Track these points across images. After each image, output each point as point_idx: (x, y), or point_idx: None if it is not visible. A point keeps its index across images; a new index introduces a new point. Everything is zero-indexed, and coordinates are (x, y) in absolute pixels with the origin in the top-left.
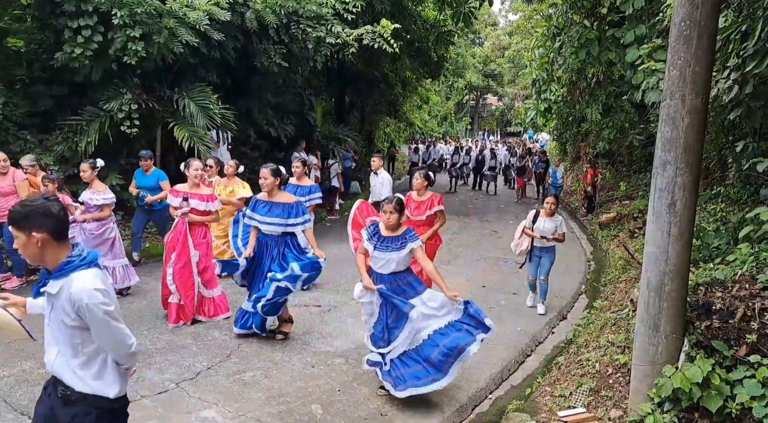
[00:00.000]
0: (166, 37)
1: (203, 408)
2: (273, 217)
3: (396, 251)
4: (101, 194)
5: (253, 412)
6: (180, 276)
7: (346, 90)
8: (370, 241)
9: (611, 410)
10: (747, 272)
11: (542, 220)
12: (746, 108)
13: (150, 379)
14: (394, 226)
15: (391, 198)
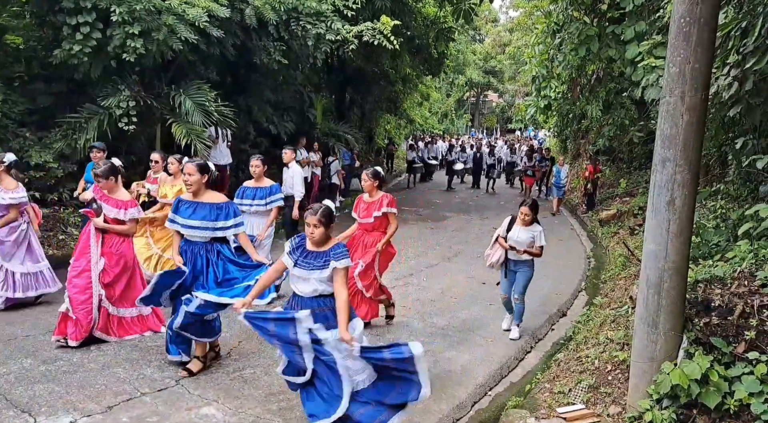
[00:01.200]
0: (165, 34)
1: (203, 405)
2: (197, 220)
3: (318, 270)
4: (10, 193)
5: (253, 409)
6: (74, 285)
7: (346, 87)
8: (290, 256)
9: (610, 407)
10: (746, 269)
11: (517, 228)
12: (746, 105)
13: (150, 376)
14: (319, 241)
15: (317, 208)
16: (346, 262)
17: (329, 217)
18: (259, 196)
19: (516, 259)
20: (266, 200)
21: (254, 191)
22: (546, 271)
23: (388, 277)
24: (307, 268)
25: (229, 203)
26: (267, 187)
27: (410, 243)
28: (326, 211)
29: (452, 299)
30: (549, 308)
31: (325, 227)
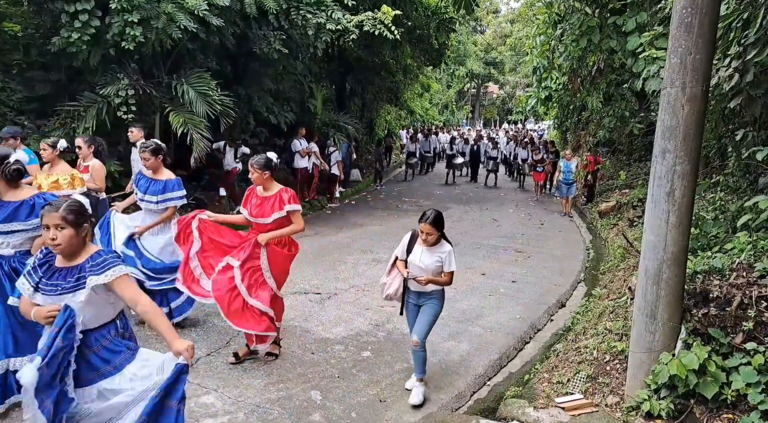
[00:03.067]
0: (164, 23)
1: (203, 394)
2: None
3: (69, 293)
4: None
5: (253, 398)
6: None
7: (346, 77)
8: (29, 278)
9: (608, 397)
10: (745, 260)
11: (419, 250)
12: (747, 96)
13: None
14: (66, 250)
15: (58, 203)
16: (116, 272)
17: (80, 214)
18: (151, 191)
19: (419, 291)
20: (157, 198)
21: (147, 183)
22: (545, 263)
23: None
24: (53, 293)
25: (39, 195)
26: (162, 181)
27: None
28: (72, 206)
29: (452, 290)
30: (548, 299)
31: (75, 228)
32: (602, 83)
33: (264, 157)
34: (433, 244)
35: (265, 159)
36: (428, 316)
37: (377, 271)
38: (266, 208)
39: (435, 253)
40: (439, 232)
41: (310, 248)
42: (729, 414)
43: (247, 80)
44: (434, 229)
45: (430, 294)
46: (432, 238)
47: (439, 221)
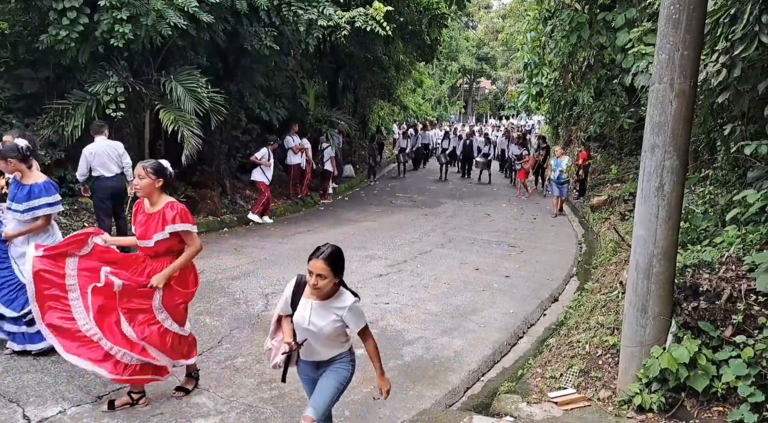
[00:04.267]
0: (153, 19)
1: (195, 394)
2: None
3: None
4: None
5: (245, 398)
6: None
7: (338, 73)
8: None
9: (600, 391)
10: (734, 254)
11: (308, 304)
12: (734, 91)
13: None
14: None
15: None
16: None
17: None
18: (18, 198)
19: (315, 360)
20: (23, 206)
21: (16, 188)
22: (538, 257)
23: (383, 264)
24: None
25: None
26: (27, 186)
27: (404, 229)
28: None
29: (445, 285)
30: (541, 294)
31: None
32: (592, 79)
33: (157, 161)
34: (327, 296)
35: (159, 164)
36: (331, 388)
37: (371, 267)
38: (150, 227)
39: (330, 309)
40: (336, 276)
41: (302, 245)
42: (719, 407)
43: (238, 77)
44: (329, 269)
45: (331, 361)
46: (325, 285)
47: (337, 259)
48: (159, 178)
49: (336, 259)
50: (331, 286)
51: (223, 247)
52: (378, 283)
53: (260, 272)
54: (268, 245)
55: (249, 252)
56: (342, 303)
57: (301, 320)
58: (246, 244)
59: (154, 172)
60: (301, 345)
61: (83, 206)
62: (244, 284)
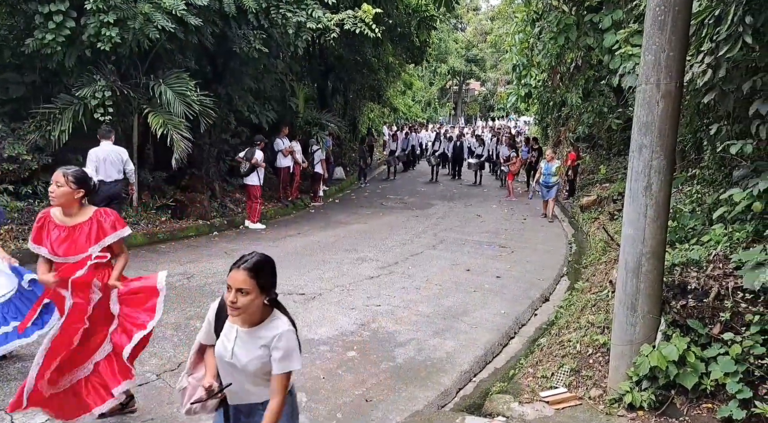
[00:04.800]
0: (141, 23)
1: None
2: None
3: None
4: None
5: None
6: None
7: (328, 75)
8: None
9: (591, 389)
10: (721, 252)
11: (231, 332)
12: (720, 92)
13: None
14: None
15: None
16: None
17: None
18: None
19: (245, 404)
20: None
21: None
22: (529, 257)
23: (374, 266)
24: None
25: None
26: None
27: (395, 231)
28: None
29: (437, 287)
30: (532, 293)
31: None
32: (580, 80)
33: (81, 170)
34: (256, 321)
35: (82, 172)
36: None
37: (362, 270)
38: (78, 240)
39: (258, 338)
40: (264, 292)
41: (293, 248)
42: (708, 403)
43: (227, 79)
44: (253, 283)
45: (262, 406)
46: (247, 305)
47: (265, 271)
48: (80, 188)
49: (263, 269)
50: (257, 307)
51: (213, 250)
52: (369, 285)
53: None
54: (259, 248)
55: (239, 255)
56: (272, 331)
57: (223, 352)
58: (236, 248)
59: (75, 180)
60: (222, 390)
61: None
62: None
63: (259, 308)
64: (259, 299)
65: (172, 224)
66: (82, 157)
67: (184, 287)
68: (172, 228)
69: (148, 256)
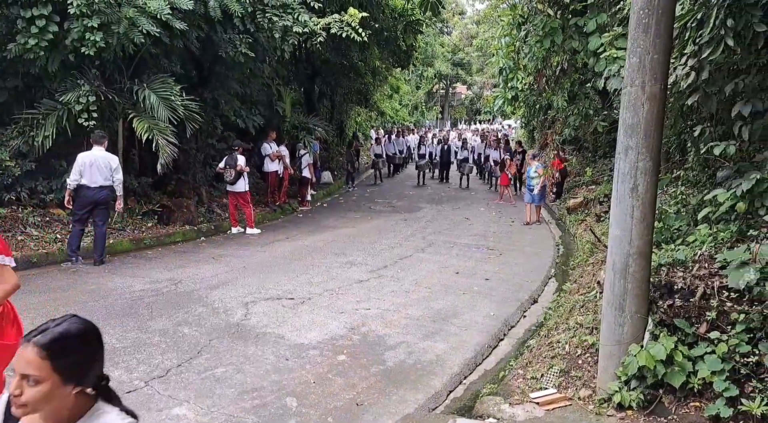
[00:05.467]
0: (125, 27)
1: (174, 406)
2: None
3: None
4: None
5: (226, 408)
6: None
7: (315, 79)
8: None
9: (581, 390)
10: (706, 252)
11: None
12: (703, 94)
13: (117, 378)
14: None
15: None
16: None
17: None
18: None
19: None
20: None
21: None
22: (517, 260)
23: (363, 270)
24: None
25: None
26: None
27: (384, 235)
28: None
29: (426, 290)
30: (521, 295)
31: None
32: (566, 83)
33: None
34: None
35: None
36: None
37: (351, 273)
38: None
39: None
40: (68, 380)
41: (281, 253)
42: (696, 402)
43: (213, 84)
44: (47, 365)
45: None
46: (37, 398)
47: (70, 346)
48: None
49: (68, 346)
50: (62, 402)
51: (200, 256)
52: (359, 289)
53: (239, 281)
54: (247, 253)
55: (227, 261)
56: None
57: None
58: (224, 253)
59: None
60: None
61: (55, 218)
62: (222, 293)
63: (68, 403)
64: (61, 391)
65: (158, 230)
66: (66, 162)
67: (172, 293)
68: (159, 233)
69: (135, 262)
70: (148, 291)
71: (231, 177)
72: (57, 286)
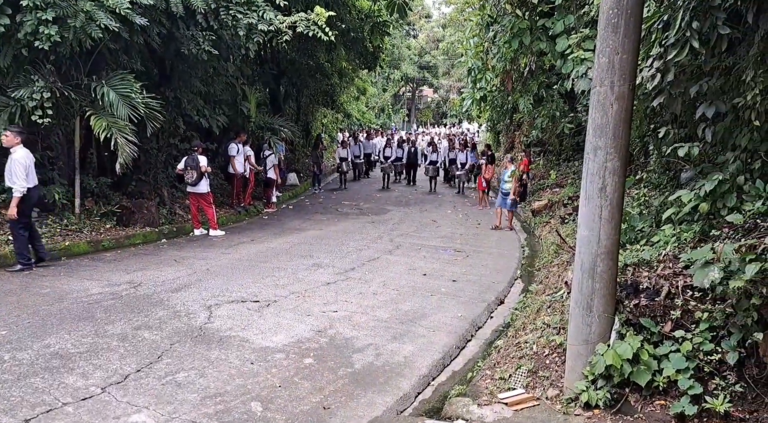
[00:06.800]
0: (82, 21)
1: (133, 412)
2: None
3: None
4: None
5: (188, 414)
6: None
7: (281, 80)
8: None
9: (549, 390)
10: (670, 252)
11: None
12: (668, 95)
13: (72, 384)
14: None
15: None
16: None
17: None
18: None
19: None
20: None
21: None
22: (484, 261)
23: (330, 272)
24: None
25: None
26: None
27: (351, 237)
28: None
29: (394, 291)
30: (488, 296)
31: None
32: (533, 85)
33: None
34: None
35: None
36: None
37: (318, 276)
38: None
39: None
40: None
41: (246, 255)
42: (662, 400)
43: (175, 82)
44: None
45: None
46: None
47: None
48: None
49: None
50: None
51: (162, 258)
52: (326, 292)
53: (202, 284)
54: (211, 256)
55: (190, 263)
56: None
57: None
58: (186, 256)
59: None
60: None
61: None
62: (185, 296)
63: None
64: None
65: (117, 232)
66: None
67: (131, 296)
68: (118, 235)
69: (92, 265)
70: (106, 294)
71: (193, 178)
72: (8, 290)
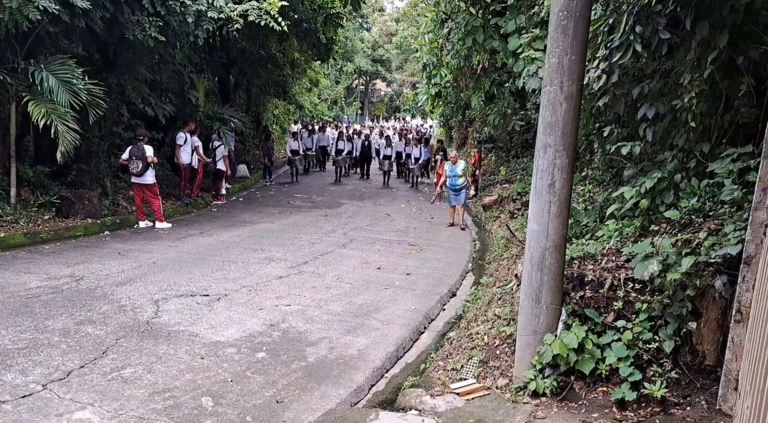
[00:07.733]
0: (19, 2)
1: (76, 410)
2: None
3: None
4: None
5: (136, 410)
6: None
7: (230, 69)
8: None
9: (498, 379)
10: (613, 246)
11: None
12: (612, 96)
13: (10, 382)
14: None
15: None
16: None
17: None
18: None
19: None
20: None
21: None
22: (437, 255)
23: (283, 266)
24: None
25: None
26: None
27: (304, 231)
28: None
29: (348, 285)
30: (440, 289)
31: None
32: (486, 82)
33: None
34: None
35: None
36: None
37: (270, 269)
38: None
39: None
40: None
41: (194, 248)
42: (604, 387)
43: (119, 68)
44: None
45: None
46: None
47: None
48: None
49: None
50: None
51: (105, 251)
52: (278, 285)
53: (148, 277)
54: (157, 248)
55: (135, 256)
56: None
57: None
58: (131, 248)
59: None
60: None
61: None
62: (130, 290)
63: None
64: None
65: (56, 223)
66: None
67: (73, 290)
68: (57, 227)
69: (30, 257)
70: (46, 288)
71: (138, 168)
72: None
